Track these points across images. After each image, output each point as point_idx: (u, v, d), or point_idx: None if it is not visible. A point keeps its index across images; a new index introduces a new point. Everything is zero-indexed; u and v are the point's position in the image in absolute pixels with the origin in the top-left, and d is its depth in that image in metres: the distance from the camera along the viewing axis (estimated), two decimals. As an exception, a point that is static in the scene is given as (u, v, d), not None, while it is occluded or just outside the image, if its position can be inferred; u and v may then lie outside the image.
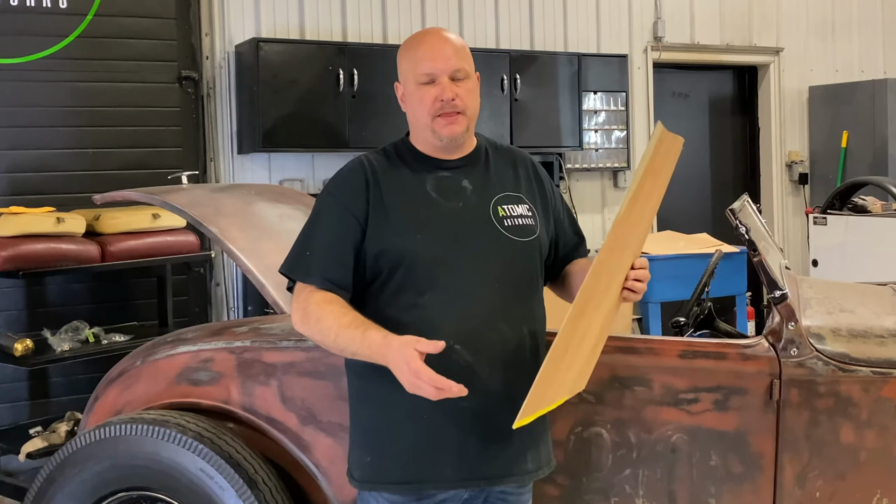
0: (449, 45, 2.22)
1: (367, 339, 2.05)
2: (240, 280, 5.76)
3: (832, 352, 2.46)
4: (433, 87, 2.19)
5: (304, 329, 2.18)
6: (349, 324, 2.08)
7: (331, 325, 2.10)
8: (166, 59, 5.44)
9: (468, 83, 2.22)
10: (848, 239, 6.10)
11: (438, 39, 2.23)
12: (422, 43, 2.24)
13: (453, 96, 2.18)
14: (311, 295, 2.16)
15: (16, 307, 4.97)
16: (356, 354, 2.10)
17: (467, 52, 2.25)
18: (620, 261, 2.11)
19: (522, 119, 6.34)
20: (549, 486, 2.51)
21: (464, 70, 2.21)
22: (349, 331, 2.08)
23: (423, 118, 2.21)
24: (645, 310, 6.04)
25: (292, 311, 2.20)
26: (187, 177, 4.09)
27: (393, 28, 6.33)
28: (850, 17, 8.27)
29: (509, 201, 2.26)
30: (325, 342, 2.14)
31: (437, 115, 2.19)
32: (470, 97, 2.22)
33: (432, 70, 2.18)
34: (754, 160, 8.11)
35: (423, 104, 2.20)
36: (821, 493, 2.45)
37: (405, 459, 2.17)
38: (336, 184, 2.25)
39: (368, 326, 2.07)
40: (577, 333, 2.00)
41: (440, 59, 2.19)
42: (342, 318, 2.10)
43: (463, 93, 2.20)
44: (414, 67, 2.21)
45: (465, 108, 2.20)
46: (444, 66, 2.18)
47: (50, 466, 2.75)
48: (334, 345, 2.12)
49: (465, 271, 2.16)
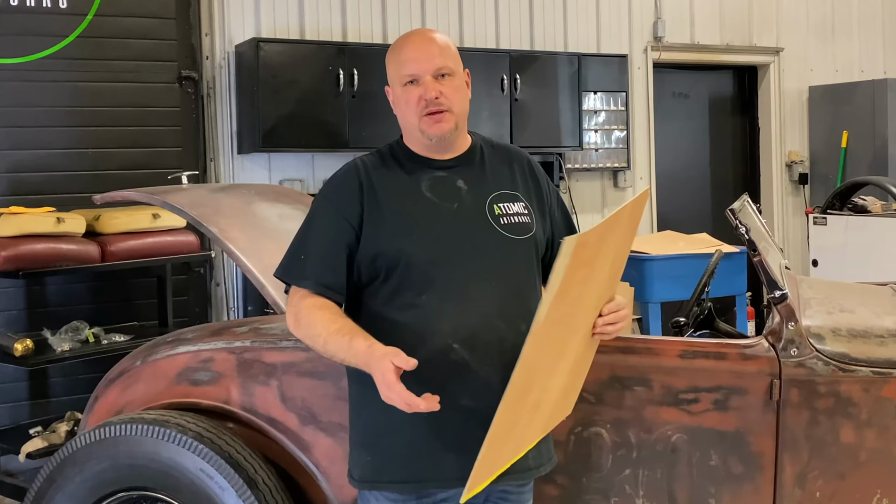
0: (432, 44, 2.22)
1: (352, 347, 2.07)
2: (240, 280, 5.76)
3: (832, 352, 2.46)
4: (417, 87, 2.20)
5: (296, 332, 2.20)
6: (337, 331, 2.10)
7: (320, 332, 2.12)
8: (166, 59, 5.44)
9: (453, 81, 2.22)
10: (848, 239, 6.10)
11: (421, 40, 2.24)
12: (404, 45, 2.25)
13: (437, 94, 2.18)
14: (303, 300, 2.17)
15: (16, 307, 4.97)
16: (344, 361, 2.12)
17: (452, 50, 2.25)
18: (572, 326, 2.05)
19: (522, 119, 6.34)
20: (549, 486, 2.51)
21: (447, 67, 2.21)
22: (337, 338, 2.09)
23: (411, 119, 2.22)
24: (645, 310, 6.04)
25: (286, 314, 2.23)
26: (187, 177, 4.09)
27: (393, 28, 6.33)
28: (850, 17, 8.27)
29: (505, 199, 2.27)
30: (315, 347, 2.16)
31: (423, 114, 2.19)
32: (456, 95, 2.22)
33: (414, 70, 2.20)
34: (754, 160, 8.11)
35: (409, 106, 2.21)
36: (821, 493, 2.45)
37: (405, 458, 2.18)
38: (330, 188, 2.27)
39: (356, 334, 2.09)
40: (526, 405, 1.99)
41: (422, 59, 2.20)
42: (331, 325, 2.11)
43: (448, 91, 2.20)
44: (398, 70, 2.23)
45: (450, 105, 2.20)
46: (427, 66, 2.19)
47: (50, 466, 2.75)
48: (323, 350, 2.14)
49: (462, 270, 2.17)
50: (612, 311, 2.14)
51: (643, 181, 7.35)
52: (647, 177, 7.36)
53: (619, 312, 2.15)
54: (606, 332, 2.15)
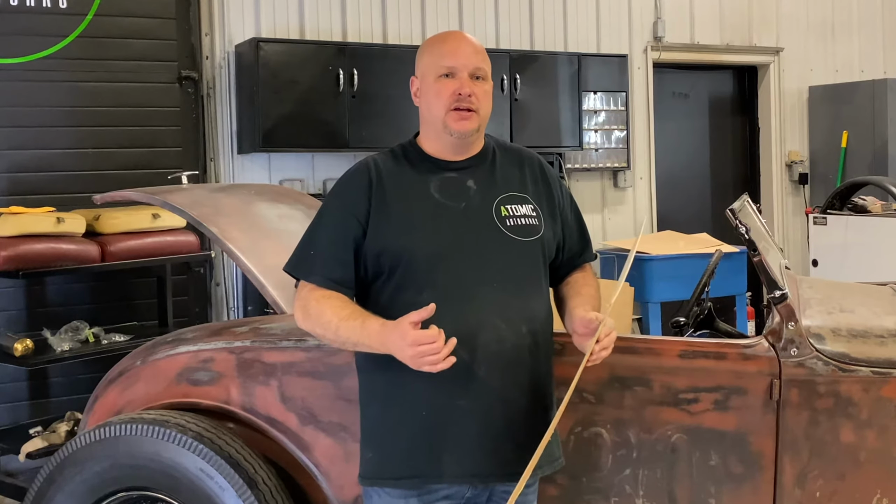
0: (472, 45, 2.29)
1: (366, 329, 2.10)
2: (240, 280, 5.76)
3: (832, 352, 2.45)
4: (452, 80, 2.24)
5: (305, 325, 2.22)
6: (348, 316, 2.13)
7: (330, 319, 2.15)
8: (166, 59, 5.44)
9: (485, 85, 2.28)
10: (848, 239, 6.10)
11: (463, 39, 2.30)
12: (446, 40, 2.31)
13: (470, 92, 2.23)
14: (311, 292, 2.20)
15: (16, 307, 4.97)
16: (357, 345, 2.14)
17: (486, 57, 2.32)
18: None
19: (522, 119, 6.34)
20: (549, 486, 2.51)
21: (483, 71, 2.28)
22: (349, 322, 2.12)
23: (437, 111, 2.25)
24: (645, 310, 6.05)
25: (294, 308, 2.25)
26: (187, 177, 4.09)
27: (393, 28, 6.33)
28: (850, 17, 8.27)
29: (513, 201, 2.28)
30: (326, 336, 2.18)
31: (451, 108, 2.22)
32: (485, 99, 2.28)
33: (454, 64, 2.24)
34: (754, 160, 8.11)
35: (439, 97, 2.24)
36: (821, 493, 2.45)
37: (405, 455, 2.20)
38: (341, 185, 2.30)
39: (367, 317, 2.12)
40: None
41: (463, 55, 2.25)
42: (341, 311, 2.14)
43: (480, 93, 2.25)
44: (436, 61, 2.26)
45: (479, 107, 2.25)
46: (466, 63, 2.24)
47: (50, 466, 2.75)
48: (335, 338, 2.16)
49: (465, 270, 2.18)
50: (606, 334, 2.16)
51: (643, 181, 7.35)
52: (646, 177, 7.36)
53: (611, 336, 2.18)
54: (600, 358, 2.18)
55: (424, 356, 1.99)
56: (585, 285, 2.38)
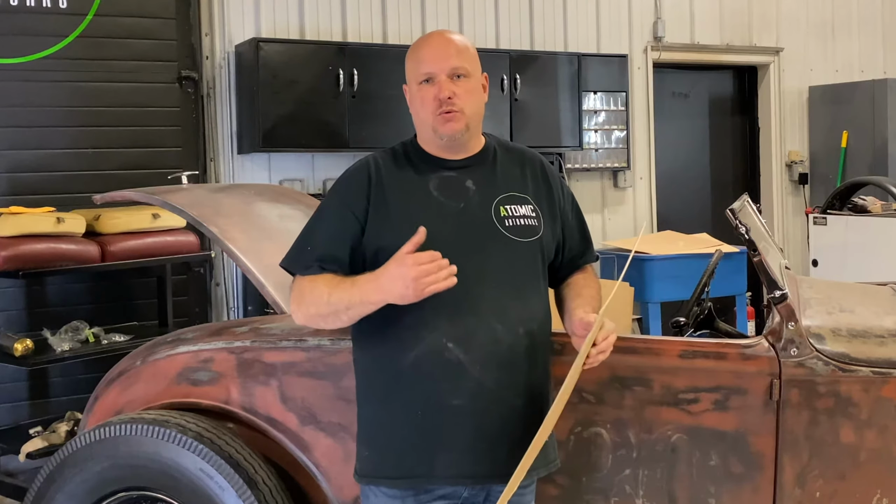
0: (449, 45, 2.25)
1: (357, 284, 2.11)
2: (240, 280, 5.76)
3: (832, 352, 2.45)
4: (432, 86, 2.23)
5: (300, 310, 2.21)
6: (339, 282, 2.14)
7: (322, 290, 2.15)
8: (166, 59, 5.44)
9: (468, 82, 2.24)
10: (848, 239, 6.10)
11: (440, 40, 2.27)
12: (422, 45, 2.29)
13: (450, 94, 2.20)
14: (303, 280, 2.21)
15: (16, 307, 4.97)
16: (351, 305, 2.12)
17: (471, 52, 2.28)
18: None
19: (522, 119, 6.34)
20: (549, 486, 2.51)
21: (463, 69, 2.23)
22: (340, 286, 2.13)
23: (425, 117, 2.24)
24: (645, 310, 6.05)
25: (290, 300, 2.24)
26: (187, 177, 4.09)
27: (393, 28, 6.33)
28: (850, 17, 8.27)
29: (513, 201, 2.27)
30: (320, 309, 2.17)
31: (436, 113, 2.22)
32: (469, 96, 2.24)
33: (430, 70, 2.22)
34: (754, 160, 8.11)
35: (424, 104, 2.24)
36: (821, 493, 2.45)
37: (400, 455, 2.20)
38: (340, 182, 2.30)
39: (358, 277, 2.13)
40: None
41: (439, 59, 2.23)
42: (332, 281, 2.15)
43: (461, 91, 2.22)
44: (415, 68, 2.26)
45: (462, 106, 2.22)
46: (443, 66, 2.22)
47: (50, 466, 2.75)
48: (328, 305, 2.15)
49: (462, 270, 2.16)
50: (604, 338, 2.15)
51: (643, 181, 7.35)
52: (646, 177, 7.36)
53: (609, 339, 2.17)
54: (598, 361, 2.16)
55: (429, 275, 1.99)
56: (586, 286, 2.37)
